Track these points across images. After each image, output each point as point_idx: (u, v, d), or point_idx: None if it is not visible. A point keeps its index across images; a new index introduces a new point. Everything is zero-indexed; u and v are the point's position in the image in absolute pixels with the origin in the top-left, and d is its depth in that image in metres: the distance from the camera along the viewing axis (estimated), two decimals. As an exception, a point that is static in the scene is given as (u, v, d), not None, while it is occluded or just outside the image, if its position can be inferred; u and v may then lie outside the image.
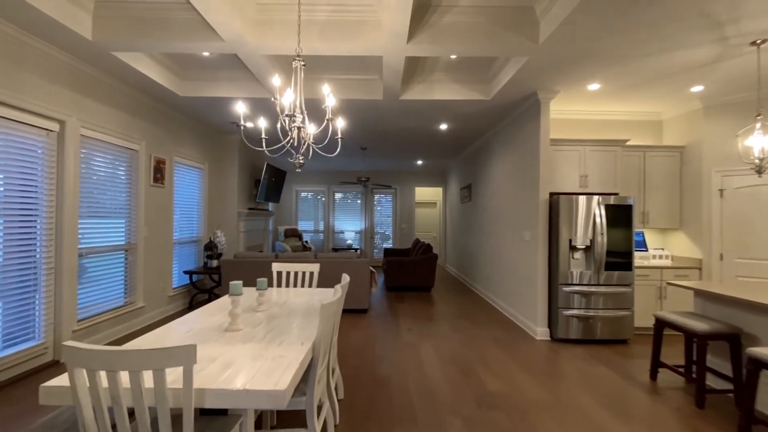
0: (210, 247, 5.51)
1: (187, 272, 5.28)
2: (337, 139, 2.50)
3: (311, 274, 4.49)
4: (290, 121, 2.28)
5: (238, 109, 2.15)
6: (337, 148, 2.59)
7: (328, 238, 10.19)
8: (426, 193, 11.49)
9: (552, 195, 4.22)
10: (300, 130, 2.31)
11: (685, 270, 4.21)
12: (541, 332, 4.04)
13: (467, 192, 7.42)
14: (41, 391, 1.31)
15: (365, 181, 7.52)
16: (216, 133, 6.16)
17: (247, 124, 5.40)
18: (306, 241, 9.56)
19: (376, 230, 10.40)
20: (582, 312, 3.91)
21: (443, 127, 5.52)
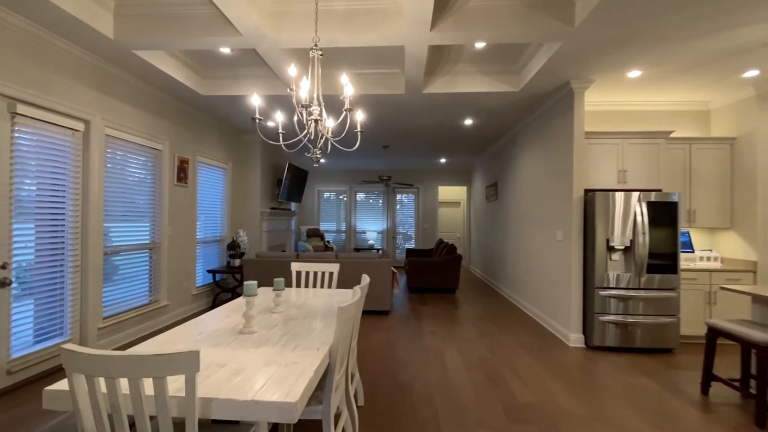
0: (233, 247, 5.53)
1: (210, 271, 5.31)
2: (357, 133, 2.37)
3: (331, 275, 4.40)
4: (307, 114, 2.18)
5: (254, 102, 2.06)
6: (357, 142, 2.46)
7: (350, 239, 10.12)
8: (449, 192, 11.23)
9: (587, 192, 3.94)
10: (317, 123, 2.20)
11: (738, 273, 3.82)
12: (575, 338, 3.77)
13: (493, 190, 7.15)
14: (45, 395, 1.24)
15: (387, 180, 7.38)
16: (238, 133, 6.20)
17: (269, 123, 5.38)
18: (328, 241, 9.53)
19: (398, 230, 10.24)
20: (620, 318, 3.62)
21: (468, 123, 5.31)
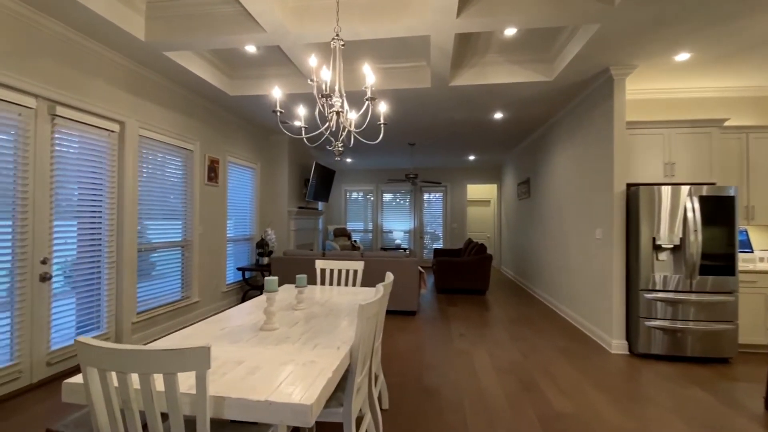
0: (261, 245, 5.60)
1: (240, 269, 5.41)
2: (380, 126, 2.29)
3: (355, 273, 4.34)
4: (328, 106, 2.11)
5: (275, 94, 2.02)
6: (380, 135, 2.38)
7: (377, 238, 10.07)
8: (479, 190, 10.93)
9: (629, 186, 3.65)
10: (339, 114, 2.14)
11: (808, 276, 3.42)
12: (617, 345, 3.50)
13: (525, 188, 6.86)
14: (64, 388, 1.24)
15: (413, 178, 7.25)
16: (267, 133, 6.29)
17: (295, 123, 5.41)
18: (355, 240, 9.53)
19: (426, 230, 10.07)
20: (669, 323, 3.32)
21: (498, 116, 5.10)
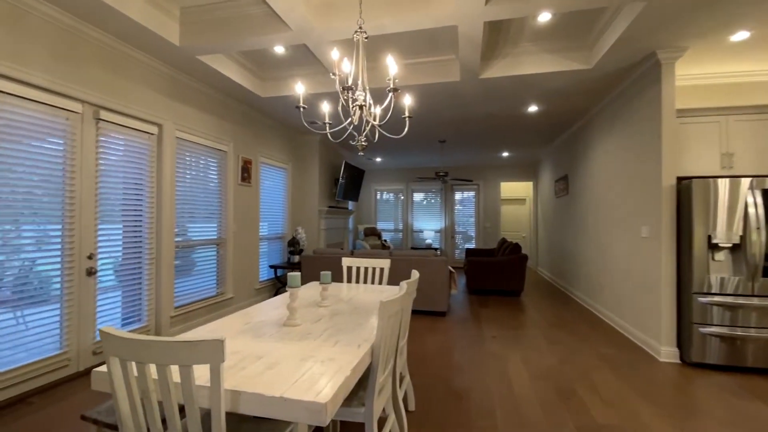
0: (292, 243, 5.70)
1: (272, 266, 5.53)
2: (405, 119, 2.22)
3: (381, 271, 4.29)
4: (352, 100, 2.08)
5: (298, 90, 2.01)
6: (405, 129, 2.31)
7: (407, 238, 9.99)
8: (513, 188, 10.56)
9: (680, 180, 3.36)
10: (362, 109, 2.10)
11: None
12: (667, 352, 3.22)
13: (563, 184, 6.53)
14: (93, 376, 1.28)
15: (443, 176, 7.10)
16: (297, 134, 6.40)
17: (327, 122, 5.44)
18: (385, 240, 9.50)
19: (458, 230, 9.86)
20: (727, 330, 3.00)
21: (532, 110, 4.87)
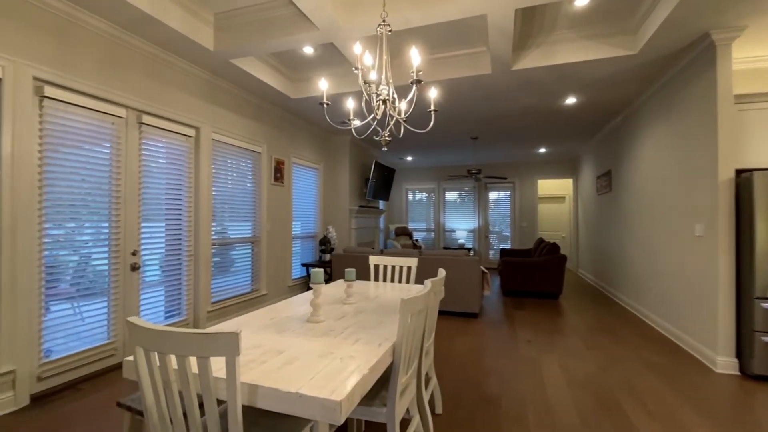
0: (324, 242, 5.78)
1: (304, 264, 5.64)
2: (430, 113, 2.17)
3: (409, 269, 4.24)
4: (375, 95, 2.05)
5: (321, 87, 2.01)
6: (430, 123, 2.25)
7: (439, 237, 9.83)
8: (551, 186, 10.10)
9: (739, 172, 3.04)
10: (386, 103, 2.06)
11: None
12: (724, 363, 2.92)
13: (606, 180, 6.15)
14: (125, 365, 1.33)
15: (476, 174, 6.91)
16: (328, 135, 6.48)
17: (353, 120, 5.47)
18: (416, 240, 9.42)
19: (492, 229, 9.58)
20: (798, 340, 2.68)
21: (570, 102, 4.62)
